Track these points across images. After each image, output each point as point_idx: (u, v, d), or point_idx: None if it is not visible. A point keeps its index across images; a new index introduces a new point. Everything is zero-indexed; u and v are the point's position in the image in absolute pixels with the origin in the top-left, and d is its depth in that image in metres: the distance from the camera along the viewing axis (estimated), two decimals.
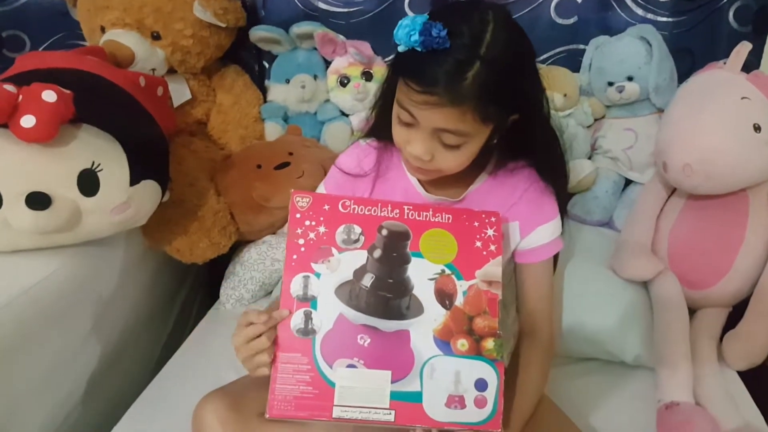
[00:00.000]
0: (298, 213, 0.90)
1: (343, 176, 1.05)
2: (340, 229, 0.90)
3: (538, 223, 1.02)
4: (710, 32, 1.50)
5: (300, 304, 0.87)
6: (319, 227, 0.90)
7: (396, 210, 0.91)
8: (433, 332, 0.87)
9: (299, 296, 0.88)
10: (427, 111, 0.81)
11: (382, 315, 0.87)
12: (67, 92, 1.10)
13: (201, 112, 1.65)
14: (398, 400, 0.85)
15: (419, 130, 0.85)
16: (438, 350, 0.87)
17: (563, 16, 1.55)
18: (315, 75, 1.66)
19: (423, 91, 0.80)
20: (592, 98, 1.56)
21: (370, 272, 0.88)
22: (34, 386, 1.12)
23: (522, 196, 1.01)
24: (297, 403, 0.85)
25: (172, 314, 1.62)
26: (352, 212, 0.91)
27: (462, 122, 0.82)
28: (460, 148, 0.86)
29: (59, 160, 1.11)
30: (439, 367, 0.86)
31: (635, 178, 1.54)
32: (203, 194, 1.45)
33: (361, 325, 0.87)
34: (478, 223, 0.91)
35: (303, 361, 0.86)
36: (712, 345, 1.22)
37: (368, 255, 0.89)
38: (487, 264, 0.90)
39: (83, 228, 1.17)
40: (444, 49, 0.78)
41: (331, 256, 0.89)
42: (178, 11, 1.49)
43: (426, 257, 0.89)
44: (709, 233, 1.28)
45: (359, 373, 0.86)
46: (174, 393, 1.20)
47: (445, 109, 0.80)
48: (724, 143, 1.19)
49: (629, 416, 1.12)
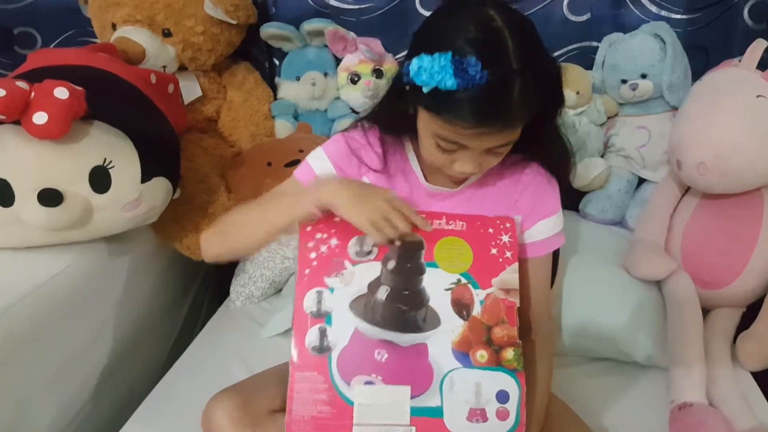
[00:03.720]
0: (308, 226, 0.88)
1: (348, 149, 0.99)
2: (353, 240, 0.87)
3: (540, 216, 0.99)
4: (725, 30, 1.48)
5: (314, 320, 0.85)
6: (330, 240, 0.87)
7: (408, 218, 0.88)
8: (451, 344, 0.84)
9: (313, 312, 0.85)
10: (481, 138, 0.80)
11: (398, 328, 0.84)
12: (79, 89, 1.10)
13: (211, 109, 1.65)
14: (419, 416, 0.83)
15: (468, 152, 0.84)
16: (457, 362, 0.84)
17: (576, 13, 1.54)
18: (325, 72, 1.66)
19: (474, 125, 0.78)
20: (605, 96, 1.55)
21: (384, 284, 0.86)
22: (46, 381, 1.13)
23: (525, 189, 0.99)
24: (315, 423, 0.82)
25: (183, 311, 1.62)
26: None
27: (514, 134, 0.83)
28: (506, 151, 0.87)
29: (71, 156, 1.12)
30: (459, 380, 0.84)
31: (648, 176, 1.53)
32: (214, 191, 1.45)
33: (378, 339, 0.84)
34: (492, 229, 0.89)
35: (319, 379, 0.83)
36: (726, 345, 1.21)
37: (382, 266, 0.86)
38: (503, 271, 0.87)
39: (95, 225, 1.17)
40: (480, 83, 0.75)
41: (344, 269, 0.86)
42: (189, 8, 1.49)
43: (441, 267, 0.86)
44: (723, 232, 1.27)
45: (378, 389, 0.83)
46: (184, 390, 1.20)
47: (502, 132, 0.81)
48: (738, 141, 1.18)
49: (642, 416, 1.11)
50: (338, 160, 0.99)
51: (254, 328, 1.37)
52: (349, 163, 0.99)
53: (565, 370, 1.23)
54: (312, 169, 0.99)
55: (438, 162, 0.88)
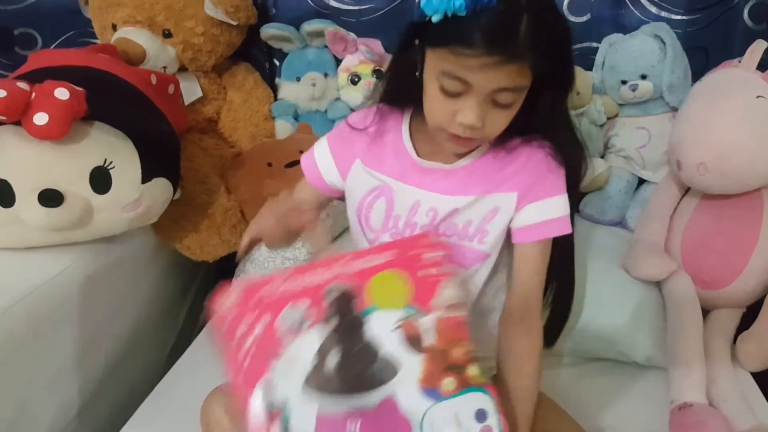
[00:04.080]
0: (227, 317, 0.76)
1: (348, 130, 0.99)
2: (283, 312, 0.77)
3: (538, 196, 0.93)
4: (725, 30, 1.48)
5: (272, 415, 0.74)
6: (259, 321, 0.76)
7: (334, 267, 0.79)
8: (417, 383, 0.77)
9: (269, 409, 0.74)
10: (487, 73, 0.78)
11: (361, 389, 0.76)
12: (79, 90, 1.11)
13: (212, 109, 1.65)
14: None
15: (471, 96, 0.81)
16: (428, 400, 0.77)
17: (576, 14, 1.54)
18: (326, 73, 1.66)
19: (481, 54, 0.76)
20: (605, 96, 1.55)
21: (332, 348, 0.77)
22: (45, 382, 1.13)
23: (525, 165, 0.93)
24: None
25: (182, 312, 1.62)
26: (289, 289, 0.77)
27: (520, 76, 0.79)
28: (511, 107, 0.83)
29: (71, 157, 1.12)
30: (437, 418, 0.77)
31: (648, 177, 1.53)
32: (214, 192, 1.45)
33: (345, 411, 0.76)
34: (416, 249, 0.81)
35: None
36: (726, 346, 1.21)
37: (321, 330, 0.77)
38: (439, 290, 0.80)
39: (95, 225, 1.18)
40: (489, 7, 0.75)
41: (284, 348, 0.76)
42: (190, 9, 1.49)
43: (381, 307, 0.78)
44: (723, 233, 1.27)
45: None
46: (184, 390, 1.19)
47: (506, 67, 0.77)
48: (738, 142, 1.18)
49: (641, 417, 1.11)
50: (336, 144, 1.00)
51: None
52: (344, 146, 0.99)
53: (564, 371, 1.23)
54: (313, 156, 1.02)
55: (441, 118, 0.85)
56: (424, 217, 0.94)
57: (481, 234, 0.95)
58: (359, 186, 0.99)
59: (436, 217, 0.94)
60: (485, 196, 0.93)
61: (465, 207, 0.93)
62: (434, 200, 0.94)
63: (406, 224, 0.96)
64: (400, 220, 0.96)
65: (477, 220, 0.94)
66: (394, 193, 0.96)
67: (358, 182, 0.99)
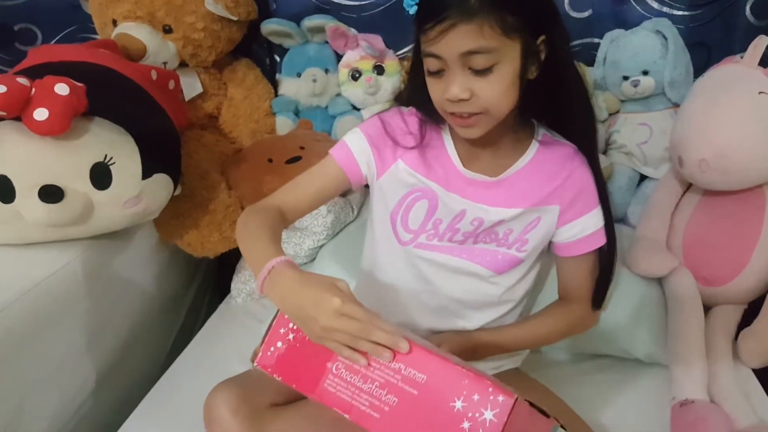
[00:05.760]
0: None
1: (383, 132, 0.98)
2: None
3: (580, 213, 0.96)
4: (727, 26, 1.48)
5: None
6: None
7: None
8: None
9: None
10: (446, 39, 0.80)
11: None
12: (79, 85, 1.10)
13: (212, 105, 1.65)
14: None
15: (449, 70, 0.83)
16: None
17: (578, 9, 1.53)
18: (326, 69, 1.66)
19: (435, 22, 0.80)
20: (607, 92, 1.54)
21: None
22: (45, 378, 1.12)
23: (567, 179, 0.95)
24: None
25: (183, 308, 1.62)
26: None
27: (482, 37, 0.79)
28: (493, 71, 0.82)
29: (72, 153, 1.11)
30: None
31: (650, 173, 1.52)
32: (214, 188, 1.45)
33: None
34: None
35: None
36: (727, 342, 1.21)
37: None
38: None
39: (95, 221, 1.17)
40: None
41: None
42: (190, 4, 1.48)
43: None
44: (724, 229, 1.27)
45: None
46: (185, 386, 1.20)
47: (460, 27, 0.79)
48: (740, 138, 1.18)
49: (643, 414, 1.12)
50: (375, 138, 0.98)
51: (255, 325, 1.37)
52: (384, 143, 0.98)
53: (565, 367, 1.24)
54: (348, 146, 0.98)
55: (437, 100, 0.87)
56: (469, 225, 0.96)
57: (521, 243, 0.97)
58: (398, 185, 0.98)
59: (480, 227, 0.96)
60: (530, 209, 0.95)
61: (510, 218, 0.95)
62: (481, 211, 0.95)
63: (447, 228, 0.97)
64: (441, 224, 0.97)
65: (518, 230, 0.97)
66: (438, 198, 0.96)
67: (397, 181, 0.98)
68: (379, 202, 1.02)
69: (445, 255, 0.98)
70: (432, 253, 0.98)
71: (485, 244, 0.98)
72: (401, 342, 0.72)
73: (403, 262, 1.00)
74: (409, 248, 0.99)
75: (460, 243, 0.98)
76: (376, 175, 0.99)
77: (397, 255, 1.01)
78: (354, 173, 0.98)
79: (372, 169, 0.99)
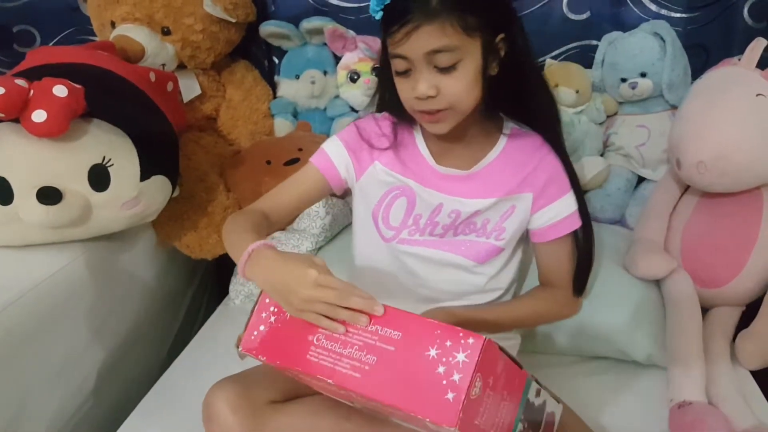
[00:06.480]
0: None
1: (358, 139, 1.05)
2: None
3: (552, 198, 1.02)
4: (724, 28, 1.48)
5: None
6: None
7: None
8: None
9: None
10: (411, 40, 0.85)
11: None
12: (78, 87, 1.10)
13: (211, 107, 1.65)
14: None
15: (416, 69, 0.88)
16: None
17: (576, 12, 1.54)
18: (325, 71, 1.66)
19: (400, 24, 0.84)
20: (605, 94, 1.54)
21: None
22: (45, 379, 1.12)
23: (537, 167, 1.01)
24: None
25: (182, 309, 1.62)
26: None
27: (445, 36, 0.84)
28: (457, 68, 0.87)
29: (70, 154, 1.11)
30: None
31: (648, 175, 1.52)
32: (213, 190, 1.45)
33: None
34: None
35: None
36: (725, 344, 1.21)
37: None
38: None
39: (94, 223, 1.17)
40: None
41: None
42: (188, 6, 1.48)
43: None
44: (722, 231, 1.27)
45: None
46: (184, 387, 1.20)
47: (424, 28, 0.83)
48: (738, 141, 1.18)
49: (641, 415, 1.11)
50: (351, 143, 1.04)
51: None
52: (360, 147, 1.04)
53: (563, 369, 1.23)
54: (327, 153, 1.05)
55: (406, 99, 0.92)
56: (447, 218, 1.01)
57: (499, 231, 1.02)
58: (377, 185, 1.04)
59: (458, 218, 1.01)
60: (504, 198, 1.00)
61: (486, 208, 1.00)
62: (457, 203, 1.00)
63: (427, 222, 1.03)
64: (421, 218, 1.03)
65: (495, 219, 1.02)
66: (416, 194, 1.02)
67: (376, 181, 1.04)
68: (360, 203, 1.08)
69: (427, 249, 1.04)
70: (415, 247, 1.04)
71: (465, 235, 1.03)
72: (376, 305, 0.75)
73: (389, 258, 1.06)
74: (393, 244, 1.05)
75: (440, 236, 1.03)
76: (356, 177, 1.05)
77: (382, 252, 1.06)
78: (333, 177, 1.04)
79: (351, 171, 1.04)
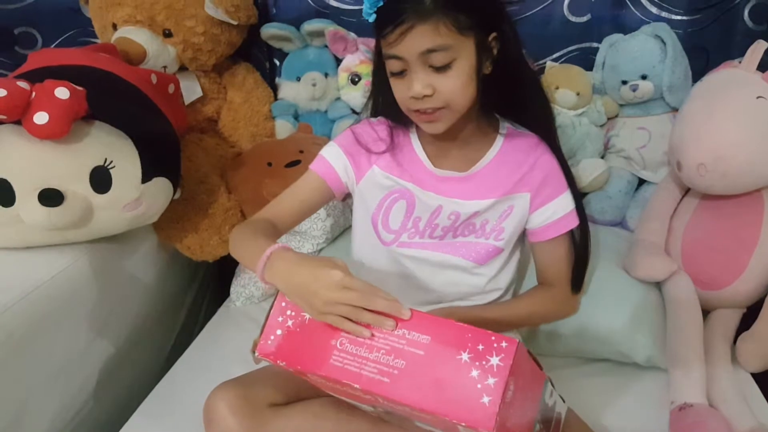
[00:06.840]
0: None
1: (355, 144, 1.05)
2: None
3: (549, 197, 1.02)
4: (725, 31, 1.48)
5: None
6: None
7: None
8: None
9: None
10: (405, 40, 0.85)
11: None
12: (79, 89, 1.10)
13: (212, 109, 1.65)
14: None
15: (411, 70, 0.88)
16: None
17: (577, 14, 1.54)
18: (326, 73, 1.66)
19: (394, 26, 0.85)
20: (606, 97, 1.55)
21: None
22: (46, 380, 1.13)
23: (533, 167, 1.01)
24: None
25: (183, 311, 1.62)
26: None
27: (439, 35, 0.85)
28: (451, 67, 0.88)
29: (72, 156, 1.12)
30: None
31: (648, 177, 1.53)
32: (214, 192, 1.45)
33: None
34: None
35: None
36: (726, 346, 1.21)
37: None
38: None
39: (95, 224, 1.17)
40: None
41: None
42: (190, 8, 1.49)
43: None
44: (723, 233, 1.27)
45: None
46: (185, 389, 1.20)
47: (418, 28, 0.84)
48: (738, 143, 1.18)
49: (642, 417, 1.11)
50: (348, 147, 1.05)
51: (254, 329, 1.37)
52: (358, 151, 1.04)
53: (565, 371, 1.23)
54: (326, 158, 1.05)
55: (402, 99, 0.92)
56: (446, 219, 1.02)
57: (498, 231, 1.03)
58: (377, 189, 1.05)
59: (457, 220, 1.02)
60: (502, 198, 1.01)
61: (484, 209, 1.01)
62: (456, 205, 1.01)
63: (427, 225, 1.03)
64: (420, 221, 1.03)
65: (494, 219, 1.03)
66: (415, 197, 1.02)
67: (375, 185, 1.05)
68: (360, 206, 1.08)
69: (427, 251, 1.04)
70: (415, 250, 1.05)
71: (464, 236, 1.04)
72: (403, 309, 0.73)
73: (388, 261, 1.07)
74: (393, 248, 1.05)
75: (440, 238, 1.04)
76: (355, 180, 1.06)
77: (382, 256, 1.07)
78: (334, 181, 1.05)
79: (350, 175, 1.05)
